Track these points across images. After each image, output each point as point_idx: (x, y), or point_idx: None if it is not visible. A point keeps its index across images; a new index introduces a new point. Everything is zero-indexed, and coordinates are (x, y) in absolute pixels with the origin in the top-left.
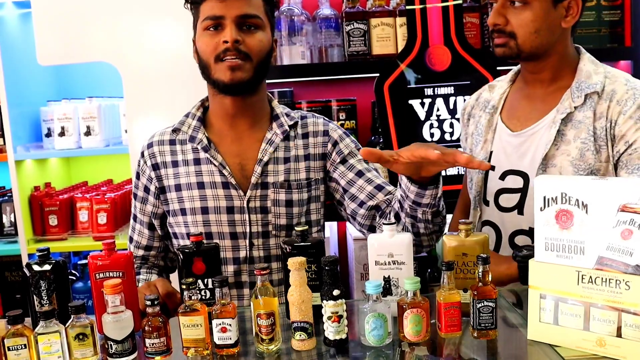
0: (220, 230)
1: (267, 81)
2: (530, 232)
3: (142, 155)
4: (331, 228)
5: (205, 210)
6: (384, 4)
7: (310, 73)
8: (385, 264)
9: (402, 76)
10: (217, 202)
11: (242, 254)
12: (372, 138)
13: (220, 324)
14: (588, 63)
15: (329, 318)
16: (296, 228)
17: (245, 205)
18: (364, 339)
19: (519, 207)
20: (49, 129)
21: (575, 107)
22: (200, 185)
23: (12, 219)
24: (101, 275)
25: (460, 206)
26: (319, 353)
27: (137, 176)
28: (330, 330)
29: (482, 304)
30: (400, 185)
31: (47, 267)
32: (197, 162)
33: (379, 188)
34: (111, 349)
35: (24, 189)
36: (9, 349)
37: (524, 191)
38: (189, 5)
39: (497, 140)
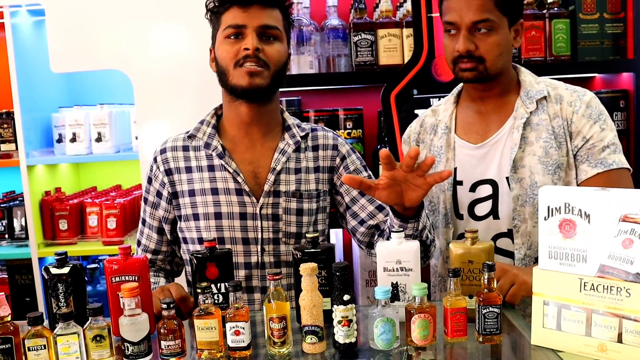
0: (232, 236)
1: None
2: (509, 234)
3: (155, 160)
4: (337, 235)
5: (218, 216)
6: (391, 15)
7: (318, 82)
8: (393, 270)
9: (408, 86)
10: (230, 208)
11: (254, 259)
12: (378, 147)
13: (233, 327)
14: (528, 75)
15: (339, 322)
16: (307, 235)
17: (258, 212)
18: (373, 342)
19: (494, 213)
20: (60, 135)
21: (530, 112)
22: (214, 191)
23: (23, 223)
24: (117, 279)
25: None
26: (329, 356)
27: (148, 181)
28: (340, 334)
29: (487, 310)
30: (389, 214)
31: (65, 270)
32: (211, 168)
33: (380, 208)
34: (127, 350)
35: (34, 193)
36: (29, 349)
37: (495, 197)
38: (209, 15)
39: (458, 156)
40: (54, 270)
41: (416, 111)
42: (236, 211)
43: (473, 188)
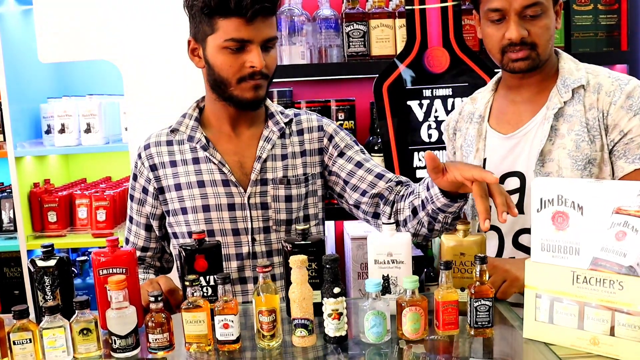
0: (222, 227)
1: None
2: None
3: (139, 156)
4: (328, 227)
5: (206, 208)
6: (384, 6)
7: (310, 73)
8: (385, 263)
9: (400, 77)
10: (218, 200)
11: (245, 249)
12: (371, 138)
13: (222, 320)
14: (568, 61)
15: (330, 315)
16: (297, 227)
17: (246, 201)
18: (364, 336)
19: (519, 207)
20: (49, 126)
21: (564, 102)
22: (201, 184)
23: (12, 215)
24: (105, 271)
25: None
26: (319, 349)
27: (134, 178)
28: (331, 327)
29: (479, 303)
30: (426, 188)
31: (51, 262)
32: (196, 161)
33: (380, 176)
34: (115, 344)
35: (23, 185)
36: (14, 343)
37: (522, 191)
38: (196, 12)
39: (489, 146)
40: (40, 263)
41: (408, 102)
42: (224, 202)
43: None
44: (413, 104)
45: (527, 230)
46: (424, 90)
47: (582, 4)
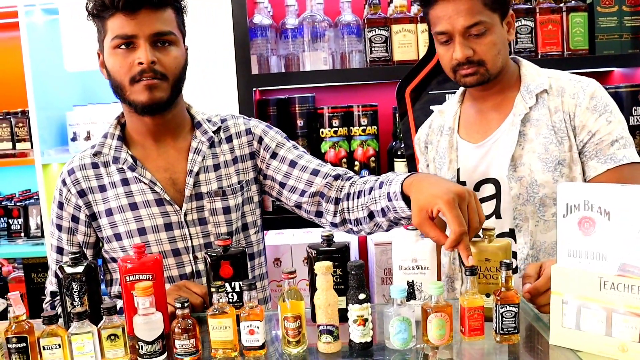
0: (161, 249)
1: (290, 86)
2: (511, 233)
3: (64, 183)
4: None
5: (142, 232)
6: (405, 11)
7: (332, 79)
8: (409, 268)
9: (423, 82)
10: (153, 221)
11: (188, 269)
12: (394, 143)
13: (248, 327)
14: (529, 68)
15: (355, 321)
16: (322, 234)
17: (183, 219)
18: (389, 342)
19: (496, 212)
20: (74, 133)
21: (530, 108)
22: (133, 206)
23: (39, 222)
24: (131, 277)
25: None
26: (345, 355)
27: (59, 206)
28: (356, 333)
29: (505, 309)
30: (387, 198)
31: (79, 269)
32: (125, 182)
33: (315, 173)
34: (142, 349)
35: (50, 192)
36: (44, 348)
37: (497, 196)
38: (91, 18)
39: (461, 157)
40: (68, 269)
41: (431, 107)
42: (160, 223)
43: (477, 188)
44: (436, 109)
45: (506, 234)
46: (446, 95)
47: (606, 5)
